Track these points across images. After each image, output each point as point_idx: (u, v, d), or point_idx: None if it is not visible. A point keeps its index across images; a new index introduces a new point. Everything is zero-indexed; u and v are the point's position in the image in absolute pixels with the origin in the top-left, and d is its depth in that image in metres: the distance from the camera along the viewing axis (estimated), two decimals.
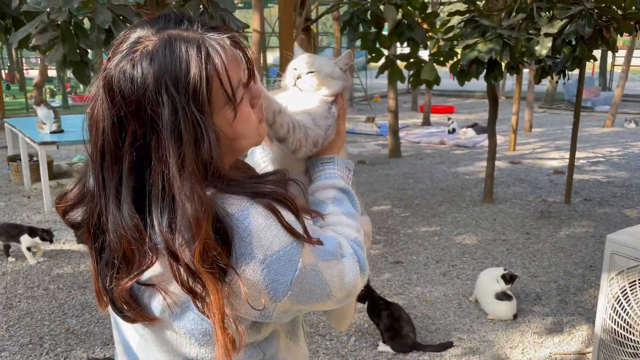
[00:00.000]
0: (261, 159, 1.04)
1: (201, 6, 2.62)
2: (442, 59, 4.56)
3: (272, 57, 15.88)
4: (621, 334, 2.15)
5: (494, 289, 3.06)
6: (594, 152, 7.86)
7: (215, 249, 0.70)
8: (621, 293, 2.13)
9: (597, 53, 12.44)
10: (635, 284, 2.09)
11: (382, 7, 4.35)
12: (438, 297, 3.33)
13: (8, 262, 3.84)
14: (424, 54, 4.85)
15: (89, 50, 2.62)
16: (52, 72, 12.98)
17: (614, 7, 3.88)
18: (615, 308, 2.16)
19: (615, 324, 2.17)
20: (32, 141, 5.06)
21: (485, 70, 4.14)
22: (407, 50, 4.72)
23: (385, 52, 4.80)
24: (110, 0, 2.38)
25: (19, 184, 5.90)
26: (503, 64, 4.31)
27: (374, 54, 4.70)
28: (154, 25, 0.76)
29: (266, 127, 0.88)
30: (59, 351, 2.74)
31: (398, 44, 5.13)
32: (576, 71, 4.89)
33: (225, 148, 0.78)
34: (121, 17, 2.37)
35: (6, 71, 17.81)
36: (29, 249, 3.81)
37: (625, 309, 2.12)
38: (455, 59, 4.50)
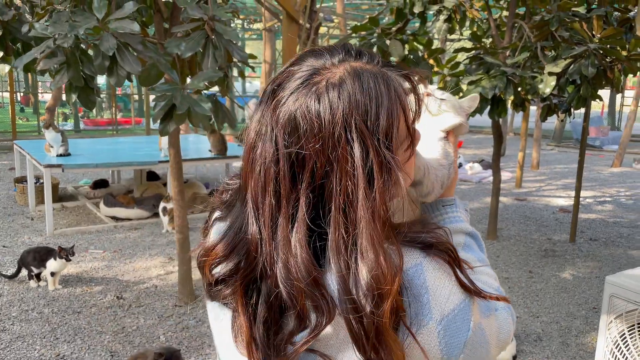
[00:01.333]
0: None
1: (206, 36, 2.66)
2: None
3: None
4: None
5: None
6: (602, 191, 7.79)
7: (402, 308, 0.63)
8: (620, 337, 2.07)
9: (605, 92, 12.49)
10: (634, 329, 2.03)
11: (387, 42, 4.40)
12: None
13: (5, 283, 3.83)
14: None
15: (95, 76, 2.67)
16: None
17: (618, 48, 3.89)
18: (614, 353, 2.10)
19: None
20: (38, 163, 5.11)
21: (489, 107, 4.15)
22: None
23: None
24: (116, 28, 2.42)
25: (24, 206, 5.93)
26: (509, 101, 4.32)
27: None
28: (334, 55, 0.69)
29: None
30: None
31: None
32: (583, 110, 4.90)
33: None
34: (126, 45, 2.41)
35: (21, 94, 18.15)
36: (52, 274, 3.76)
37: (625, 354, 2.06)
38: (460, 95, 4.53)
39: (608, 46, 3.86)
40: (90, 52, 2.51)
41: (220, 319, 0.80)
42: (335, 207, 0.64)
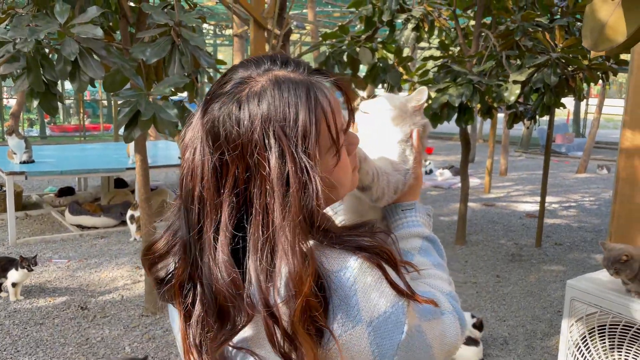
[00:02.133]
0: (330, 208, 0.96)
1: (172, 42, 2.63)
2: None
3: None
4: None
5: None
6: (567, 197, 7.98)
7: (317, 308, 0.65)
8: (581, 340, 2.12)
9: (571, 100, 12.82)
10: (595, 331, 2.08)
11: (357, 49, 4.44)
12: None
13: None
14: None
15: (57, 82, 2.61)
16: None
17: (579, 57, 4.01)
18: (576, 355, 2.14)
19: None
20: (0, 171, 4.97)
21: (456, 114, 4.22)
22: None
23: (361, 93, 4.87)
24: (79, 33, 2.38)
25: None
26: (477, 108, 4.40)
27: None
28: (259, 65, 0.72)
29: None
30: None
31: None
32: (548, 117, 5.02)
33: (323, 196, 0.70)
34: (89, 50, 2.37)
35: None
36: (14, 285, 3.64)
37: (585, 357, 2.11)
38: (429, 102, 4.58)
39: (570, 55, 3.97)
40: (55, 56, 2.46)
41: (175, 321, 0.81)
42: (255, 210, 0.67)
